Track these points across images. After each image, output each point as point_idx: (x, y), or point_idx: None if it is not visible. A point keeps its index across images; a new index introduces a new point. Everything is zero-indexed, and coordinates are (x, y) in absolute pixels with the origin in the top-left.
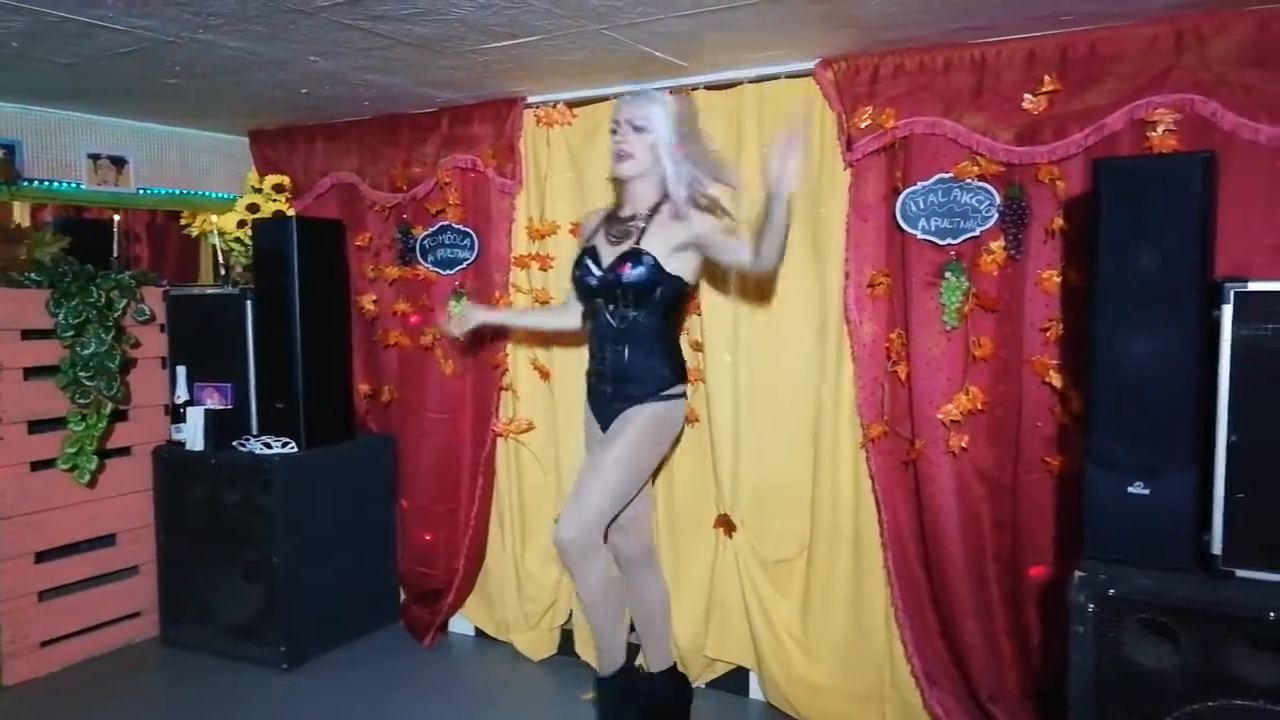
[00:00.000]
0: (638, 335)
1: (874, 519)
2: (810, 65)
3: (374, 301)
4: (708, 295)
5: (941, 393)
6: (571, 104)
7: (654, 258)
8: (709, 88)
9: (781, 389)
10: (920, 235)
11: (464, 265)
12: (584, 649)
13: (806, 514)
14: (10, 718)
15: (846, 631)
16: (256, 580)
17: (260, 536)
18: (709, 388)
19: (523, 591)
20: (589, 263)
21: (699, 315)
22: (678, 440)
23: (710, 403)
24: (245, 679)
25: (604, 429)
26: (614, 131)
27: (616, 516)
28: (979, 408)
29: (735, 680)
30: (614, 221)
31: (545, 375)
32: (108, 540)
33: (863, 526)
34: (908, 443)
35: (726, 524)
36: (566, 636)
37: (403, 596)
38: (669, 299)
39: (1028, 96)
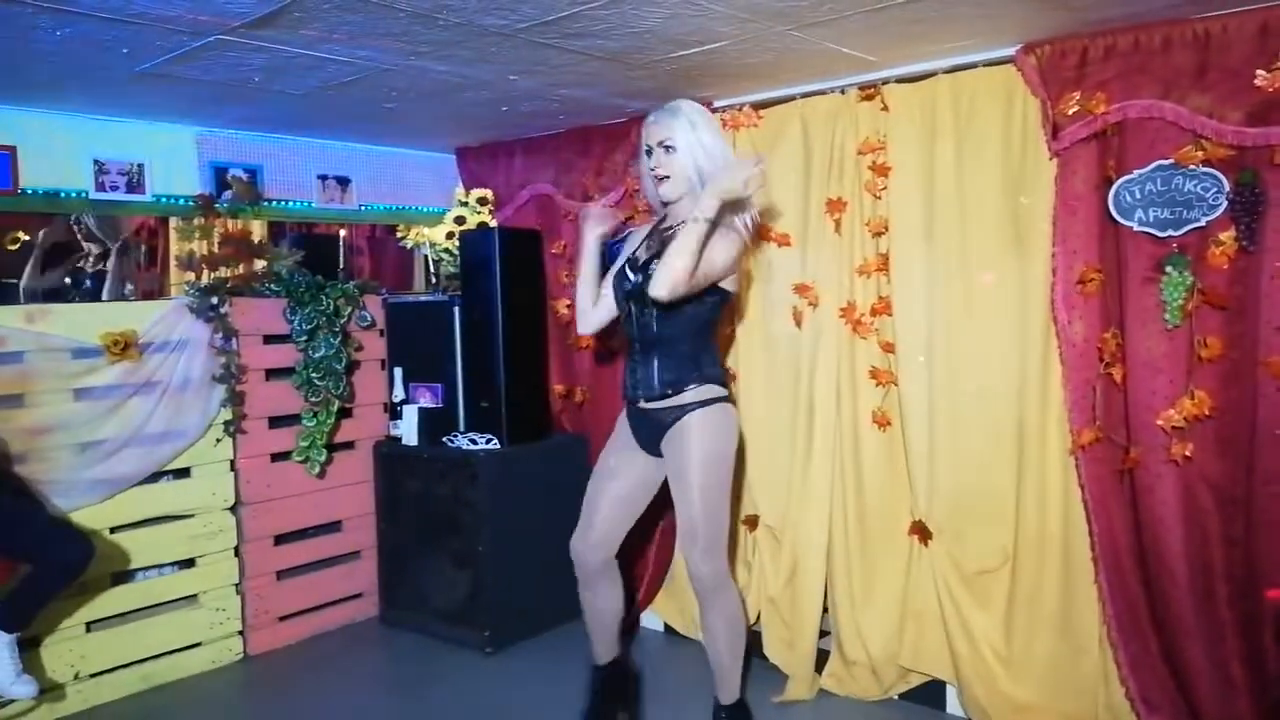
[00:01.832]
0: (667, 344)
1: (1084, 531)
2: (1010, 51)
3: (568, 306)
4: (900, 294)
5: (1162, 397)
6: (757, 106)
7: None
8: (900, 81)
9: (981, 391)
10: (1137, 227)
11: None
12: (772, 651)
13: (1010, 523)
14: (254, 682)
15: (1055, 649)
16: (464, 568)
17: (467, 527)
18: (901, 390)
19: None
20: (626, 269)
21: (890, 316)
22: (741, 449)
23: (903, 405)
24: (453, 660)
25: (638, 439)
26: (649, 154)
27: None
28: (1206, 413)
29: (931, 693)
30: (654, 234)
31: (732, 377)
32: (334, 526)
33: (1072, 538)
34: (1122, 450)
35: (922, 531)
36: (755, 637)
37: None
38: (700, 307)
39: (1261, 73)
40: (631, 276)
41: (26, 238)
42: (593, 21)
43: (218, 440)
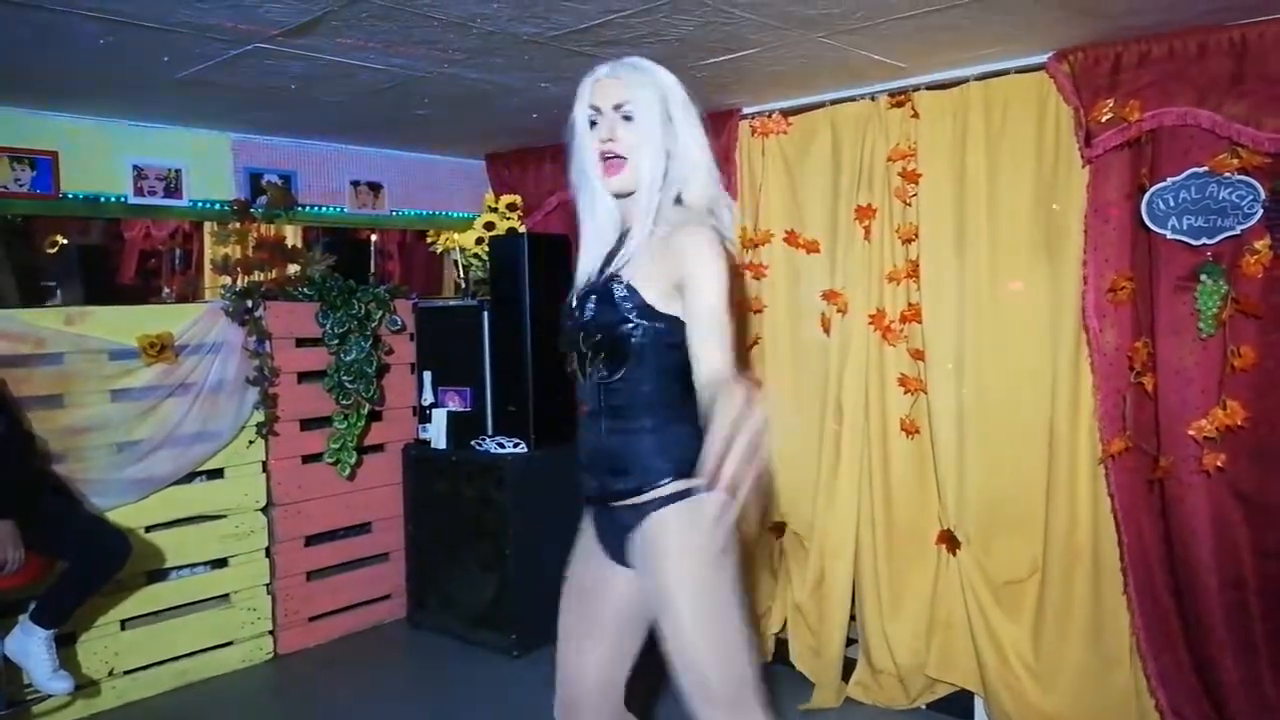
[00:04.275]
0: (618, 405)
1: (1114, 541)
2: (1042, 58)
3: None
4: (930, 301)
5: (1194, 407)
6: (786, 112)
7: (631, 289)
8: (930, 88)
9: (1010, 399)
10: (1170, 235)
11: None
12: (799, 658)
13: (1039, 533)
14: (284, 682)
15: (1085, 660)
16: (491, 570)
17: (494, 530)
18: (930, 398)
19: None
20: (573, 300)
21: (919, 323)
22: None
23: (932, 413)
24: (479, 663)
25: (602, 544)
26: (593, 124)
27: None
28: (1239, 424)
29: (959, 703)
30: (617, 246)
31: (758, 384)
32: (364, 528)
33: (1102, 548)
34: (1153, 460)
35: (950, 540)
36: (781, 645)
37: None
38: (662, 351)
39: None
40: (575, 312)
41: (65, 241)
42: (624, 29)
43: (250, 442)
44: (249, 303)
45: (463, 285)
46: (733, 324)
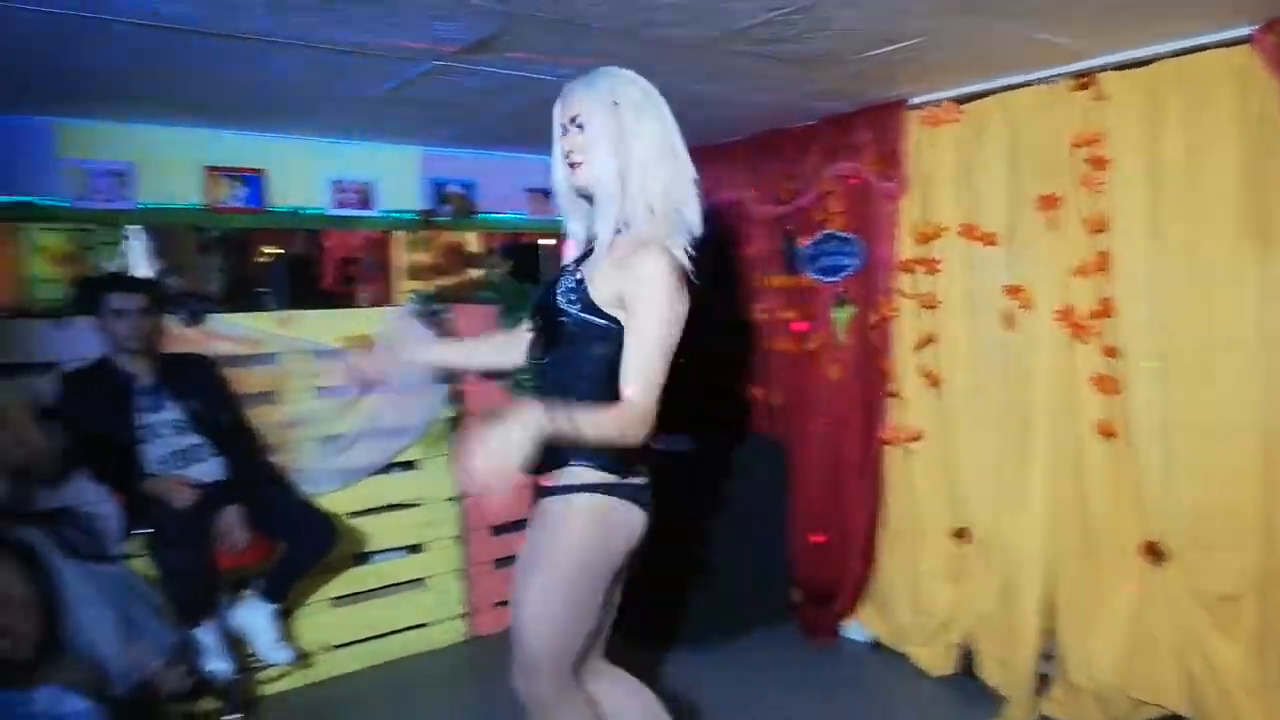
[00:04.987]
0: (546, 386)
1: None
2: (1245, 31)
3: (763, 310)
4: (1124, 295)
5: None
6: (958, 100)
7: (580, 283)
8: (1116, 68)
9: (1220, 400)
10: None
11: (848, 272)
12: (985, 670)
13: (1257, 545)
14: (478, 661)
15: None
16: (661, 566)
17: (661, 526)
18: (1129, 399)
19: (917, 604)
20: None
21: (1113, 319)
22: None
23: (1129, 415)
24: (649, 658)
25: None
26: (564, 134)
27: (585, 655)
28: None
29: None
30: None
31: (935, 383)
32: None
33: None
34: None
35: (1154, 552)
36: (967, 656)
37: (796, 596)
38: (593, 343)
39: None
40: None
41: (276, 251)
42: (785, 27)
43: (441, 436)
44: (436, 305)
45: None
46: (670, 346)
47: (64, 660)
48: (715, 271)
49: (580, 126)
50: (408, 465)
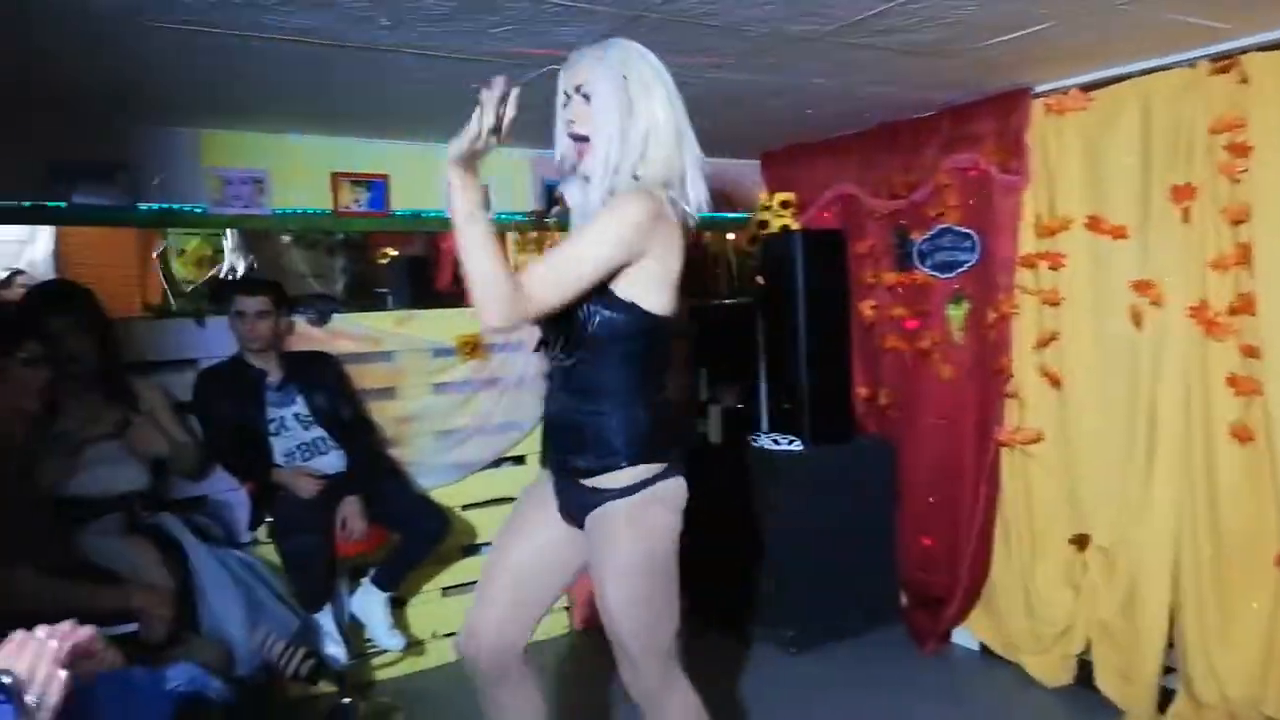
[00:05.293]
0: (575, 388)
1: None
2: None
3: (873, 307)
4: (1267, 290)
5: None
6: (1086, 88)
7: None
8: (1260, 49)
9: None
10: None
11: (964, 268)
12: (1104, 681)
13: None
14: (578, 653)
15: None
16: (767, 567)
17: (770, 527)
18: (1269, 400)
19: (1032, 611)
20: None
21: (1253, 316)
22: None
23: (1270, 417)
24: (757, 656)
25: (559, 499)
26: (564, 106)
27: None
28: None
29: None
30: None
31: (1056, 383)
32: None
33: None
34: None
35: None
36: (1085, 667)
37: (904, 600)
38: (619, 340)
39: None
40: None
41: (395, 253)
42: (903, 17)
43: None
44: None
45: (736, 283)
46: (597, 271)
47: (195, 641)
48: (825, 268)
49: (586, 96)
50: (518, 460)
